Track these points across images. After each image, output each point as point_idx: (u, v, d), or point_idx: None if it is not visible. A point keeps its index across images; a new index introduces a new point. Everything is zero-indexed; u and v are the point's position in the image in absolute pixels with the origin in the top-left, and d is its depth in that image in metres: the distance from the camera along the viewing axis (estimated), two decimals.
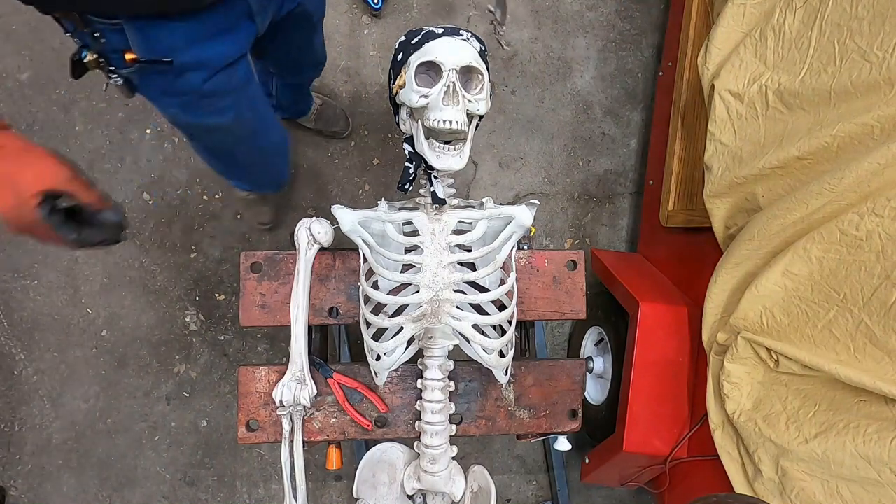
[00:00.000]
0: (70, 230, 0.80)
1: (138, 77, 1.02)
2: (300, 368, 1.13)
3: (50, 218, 0.77)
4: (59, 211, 0.78)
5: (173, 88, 1.07)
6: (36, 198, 0.76)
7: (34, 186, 0.76)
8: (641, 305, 1.61)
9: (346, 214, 1.07)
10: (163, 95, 1.09)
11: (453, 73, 0.97)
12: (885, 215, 1.10)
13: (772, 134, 1.41)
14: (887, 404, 1.09)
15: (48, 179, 0.77)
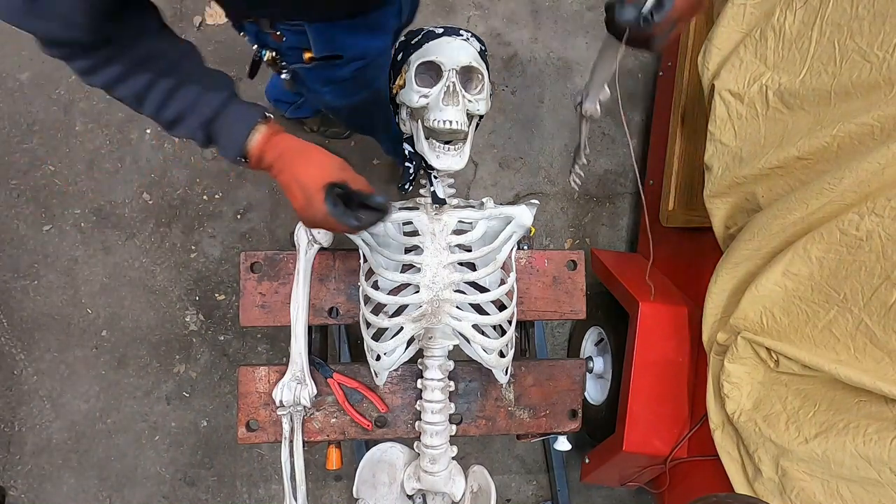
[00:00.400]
0: (350, 217, 0.84)
1: (305, 71, 1.07)
2: (300, 368, 1.13)
3: (335, 209, 0.82)
4: (339, 201, 0.84)
5: (334, 77, 1.13)
6: (321, 192, 0.82)
7: (318, 182, 0.82)
8: (641, 305, 1.61)
9: None
10: (323, 84, 1.15)
11: (453, 73, 0.97)
12: (885, 215, 1.10)
13: (772, 134, 1.41)
14: (887, 404, 1.09)
15: (326, 173, 0.83)
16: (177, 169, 2.02)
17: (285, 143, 0.84)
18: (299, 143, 0.85)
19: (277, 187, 2.05)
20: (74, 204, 1.97)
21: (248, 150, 0.84)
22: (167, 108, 0.83)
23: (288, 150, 0.83)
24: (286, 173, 0.83)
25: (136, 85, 0.81)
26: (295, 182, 0.82)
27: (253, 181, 2.05)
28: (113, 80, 0.81)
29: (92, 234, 1.97)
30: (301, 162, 0.83)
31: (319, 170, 0.83)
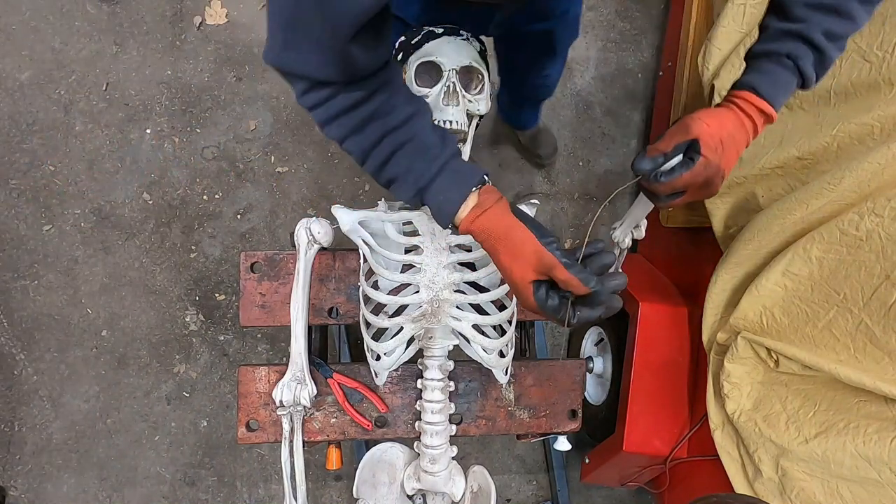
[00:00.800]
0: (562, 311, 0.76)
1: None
2: (300, 368, 1.12)
3: (547, 304, 0.76)
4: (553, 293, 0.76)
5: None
6: (528, 288, 0.75)
7: (523, 279, 0.76)
8: (641, 305, 1.61)
9: (346, 214, 1.07)
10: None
11: (453, 73, 0.97)
12: (885, 215, 1.10)
13: (771, 134, 1.41)
14: (887, 404, 1.09)
15: (530, 270, 0.75)
16: (177, 169, 2.02)
17: (490, 224, 0.77)
18: (503, 226, 0.77)
19: (277, 187, 2.06)
20: (74, 204, 1.97)
21: (457, 224, 0.80)
22: (385, 170, 0.81)
23: (492, 234, 0.77)
24: (493, 256, 0.79)
25: (366, 141, 0.79)
26: (503, 269, 0.78)
27: (253, 181, 2.05)
28: (349, 131, 0.78)
29: (92, 234, 1.97)
30: (505, 251, 0.77)
31: (522, 265, 0.75)
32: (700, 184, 0.79)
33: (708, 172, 0.78)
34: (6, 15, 1.96)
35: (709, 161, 0.77)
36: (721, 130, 0.78)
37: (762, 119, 0.80)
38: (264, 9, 2.08)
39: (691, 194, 0.82)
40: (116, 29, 2.00)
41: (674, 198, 0.83)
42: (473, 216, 0.78)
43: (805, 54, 0.77)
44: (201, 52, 2.04)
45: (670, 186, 0.79)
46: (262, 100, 2.06)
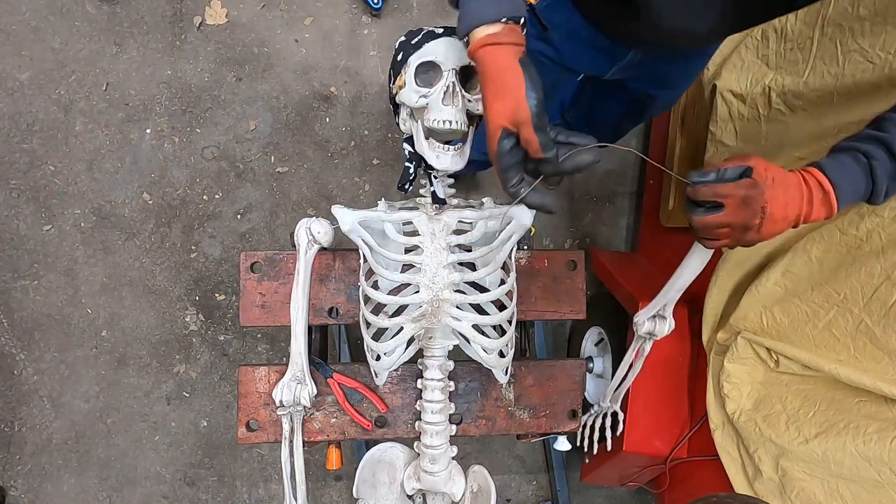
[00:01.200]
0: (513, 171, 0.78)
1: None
2: (300, 368, 1.12)
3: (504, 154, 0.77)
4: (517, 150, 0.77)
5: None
6: (497, 131, 0.77)
7: (495, 120, 0.77)
8: (641, 305, 1.61)
9: (346, 214, 1.07)
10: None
11: (453, 73, 0.96)
12: (885, 216, 1.10)
13: (773, 135, 1.41)
14: (887, 404, 1.09)
15: (506, 115, 0.76)
16: (177, 169, 2.02)
17: (493, 58, 0.77)
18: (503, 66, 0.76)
19: (277, 187, 2.06)
20: (74, 204, 1.97)
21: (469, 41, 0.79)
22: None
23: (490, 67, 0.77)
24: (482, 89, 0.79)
25: None
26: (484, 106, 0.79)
27: (253, 181, 2.05)
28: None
29: (92, 234, 1.97)
30: (492, 89, 0.77)
31: (500, 108, 0.76)
32: (740, 202, 0.80)
33: (751, 194, 0.79)
34: (6, 15, 1.96)
35: (755, 183, 0.79)
36: (776, 171, 0.80)
37: (821, 195, 0.80)
38: (264, 8, 2.08)
39: (730, 232, 0.82)
40: (116, 29, 2.00)
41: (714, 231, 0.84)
42: (484, 42, 0.77)
43: (881, 157, 0.79)
44: (201, 52, 2.04)
45: (712, 191, 0.81)
46: (262, 100, 2.06)
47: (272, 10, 2.09)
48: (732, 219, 0.82)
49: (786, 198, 0.80)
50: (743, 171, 0.80)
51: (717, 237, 0.85)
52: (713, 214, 0.82)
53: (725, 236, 0.84)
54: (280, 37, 2.08)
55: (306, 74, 2.09)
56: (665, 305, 1.10)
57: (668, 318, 1.11)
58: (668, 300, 1.09)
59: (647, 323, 1.13)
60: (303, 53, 2.09)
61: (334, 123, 2.10)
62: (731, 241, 0.85)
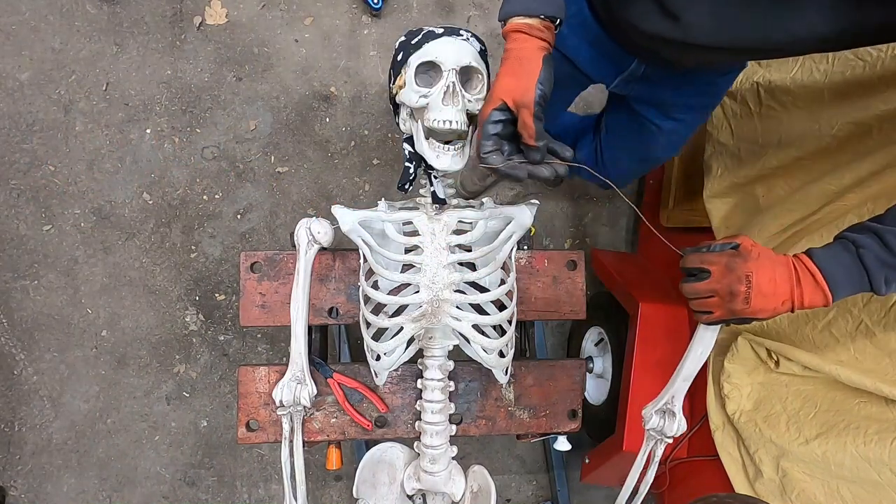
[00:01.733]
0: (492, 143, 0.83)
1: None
2: (300, 368, 1.12)
3: (490, 124, 0.82)
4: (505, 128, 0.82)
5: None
6: (490, 104, 0.82)
7: (498, 94, 0.82)
8: (641, 305, 1.61)
9: (346, 214, 1.07)
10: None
11: (453, 73, 0.96)
12: None
13: (769, 132, 1.41)
14: (888, 405, 1.09)
15: (507, 94, 0.81)
16: (177, 169, 2.02)
17: (521, 46, 0.83)
18: (526, 54, 0.82)
19: (277, 187, 2.06)
20: (74, 204, 1.97)
21: (505, 22, 0.85)
22: None
23: (514, 52, 0.83)
24: (501, 66, 0.84)
25: None
26: (497, 78, 0.84)
27: (253, 181, 2.05)
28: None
29: (92, 234, 1.97)
30: (509, 69, 0.82)
31: (508, 84, 0.82)
32: (724, 268, 0.85)
33: (734, 261, 0.85)
34: (6, 15, 1.96)
35: (739, 252, 0.85)
36: (763, 249, 0.86)
37: (810, 279, 0.83)
38: (264, 8, 2.08)
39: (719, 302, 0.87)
40: (116, 29, 2.00)
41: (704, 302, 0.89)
42: (517, 28, 0.83)
43: (870, 246, 0.81)
44: (201, 52, 2.04)
45: (700, 259, 0.89)
46: (262, 100, 2.06)
47: (272, 10, 2.09)
48: (717, 284, 0.86)
49: (773, 272, 0.84)
50: (731, 246, 0.87)
51: (709, 308, 0.89)
52: (701, 282, 0.88)
53: (716, 307, 0.88)
54: (280, 37, 2.08)
55: (306, 74, 2.09)
56: (673, 397, 1.03)
57: (677, 415, 1.03)
58: (676, 391, 1.03)
59: (654, 417, 1.05)
60: (303, 53, 2.09)
61: (334, 123, 2.10)
62: (723, 312, 0.88)
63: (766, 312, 0.86)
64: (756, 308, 0.85)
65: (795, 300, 0.84)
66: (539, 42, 0.83)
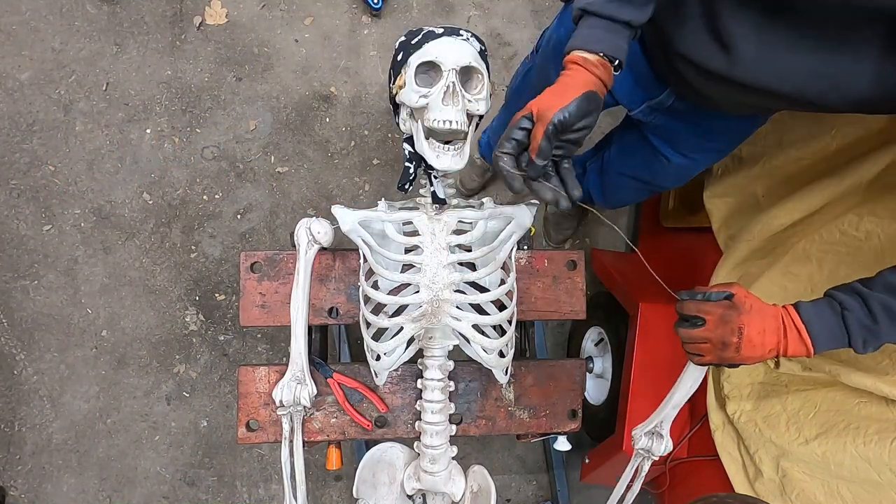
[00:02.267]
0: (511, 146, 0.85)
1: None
2: (300, 368, 1.12)
3: (516, 130, 0.85)
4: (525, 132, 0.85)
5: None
6: (528, 109, 0.85)
7: (534, 103, 0.85)
8: (641, 305, 1.61)
9: (346, 214, 1.07)
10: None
11: (453, 73, 0.97)
12: (885, 216, 1.10)
13: (770, 133, 1.41)
14: (888, 405, 1.09)
15: (539, 106, 0.84)
16: (177, 169, 2.02)
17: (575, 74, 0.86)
18: (574, 82, 0.85)
19: (277, 187, 2.06)
20: (74, 204, 1.97)
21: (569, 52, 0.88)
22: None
23: (568, 76, 0.86)
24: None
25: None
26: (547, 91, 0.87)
27: (253, 181, 2.05)
28: None
29: (92, 234, 1.97)
30: (553, 87, 0.86)
31: (546, 99, 0.84)
32: (718, 319, 0.90)
33: (729, 313, 0.90)
34: (6, 15, 1.96)
35: (734, 305, 0.90)
36: (755, 301, 0.91)
37: (795, 332, 0.87)
38: (264, 8, 2.08)
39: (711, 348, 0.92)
40: (116, 29, 2.00)
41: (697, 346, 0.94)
42: (575, 59, 0.86)
43: (855, 309, 0.85)
44: (201, 52, 2.04)
45: (696, 307, 0.93)
46: (262, 100, 2.07)
47: (272, 10, 2.09)
48: (711, 334, 0.91)
49: (763, 324, 0.89)
50: (726, 296, 0.92)
51: (701, 353, 0.94)
52: (696, 329, 0.93)
53: (708, 352, 0.93)
54: (280, 37, 2.08)
55: (306, 74, 2.09)
56: (661, 422, 1.13)
57: (664, 437, 1.13)
58: (665, 417, 1.13)
59: (643, 438, 1.14)
60: (303, 53, 2.09)
61: (334, 123, 2.10)
62: (713, 358, 0.93)
63: (752, 360, 0.92)
64: (745, 356, 0.90)
65: (780, 350, 0.89)
66: (589, 76, 0.85)
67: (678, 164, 1.32)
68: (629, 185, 1.51)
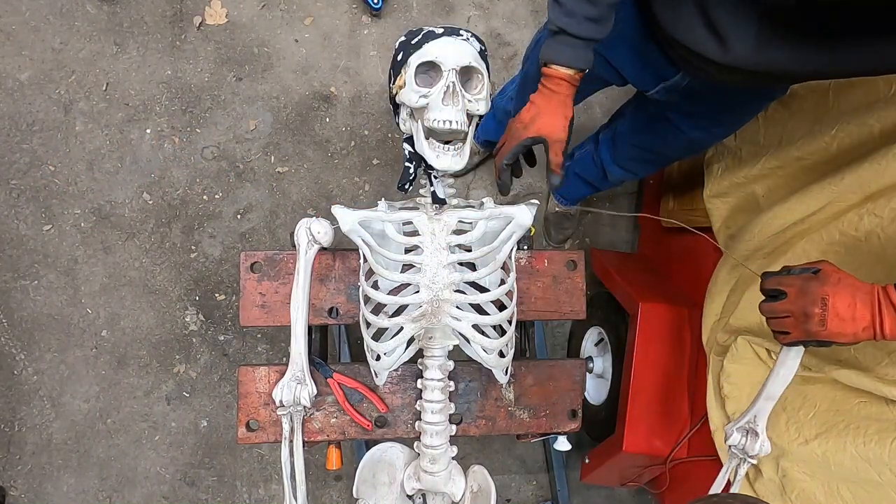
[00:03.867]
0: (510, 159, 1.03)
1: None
2: (300, 368, 1.12)
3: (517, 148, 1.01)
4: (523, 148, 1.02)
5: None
6: (532, 132, 0.99)
7: (541, 127, 0.99)
8: (641, 305, 1.61)
9: (347, 214, 1.07)
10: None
11: (453, 73, 0.97)
12: (885, 216, 1.10)
13: (771, 134, 1.41)
14: (888, 405, 1.09)
15: (546, 131, 0.99)
16: (177, 169, 2.02)
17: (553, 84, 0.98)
18: (557, 101, 0.98)
19: (277, 187, 2.06)
20: (74, 204, 1.97)
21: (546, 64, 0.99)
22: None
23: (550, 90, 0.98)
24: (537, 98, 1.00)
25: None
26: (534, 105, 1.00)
27: (253, 181, 2.05)
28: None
29: (92, 234, 1.97)
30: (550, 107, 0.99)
31: (550, 123, 0.98)
32: (798, 290, 0.89)
33: (810, 284, 0.88)
34: (6, 15, 1.96)
35: (817, 276, 0.88)
36: (847, 276, 0.88)
37: (891, 310, 0.83)
38: (264, 8, 2.08)
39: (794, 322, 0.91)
40: (116, 29, 2.00)
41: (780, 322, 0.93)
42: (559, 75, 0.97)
43: None
44: (201, 52, 2.04)
45: (777, 281, 0.93)
46: (262, 100, 2.07)
47: (272, 10, 2.09)
48: (792, 305, 0.90)
49: (853, 297, 0.85)
50: (812, 271, 0.90)
51: (786, 328, 0.92)
52: (776, 302, 0.92)
53: (792, 327, 0.91)
54: (280, 37, 2.08)
55: (306, 74, 2.09)
56: (756, 417, 1.05)
57: (760, 435, 1.05)
58: (758, 410, 1.05)
59: (736, 434, 1.08)
60: (303, 53, 2.09)
61: (334, 123, 2.10)
62: (799, 333, 0.91)
63: (845, 337, 0.87)
64: (833, 331, 0.86)
65: (876, 327, 0.84)
66: (573, 89, 0.99)
67: (696, 137, 1.33)
68: (642, 157, 1.52)
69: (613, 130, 1.60)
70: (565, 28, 0.94)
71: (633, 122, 1.52)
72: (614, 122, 1.63)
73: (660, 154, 1.47)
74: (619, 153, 1.60)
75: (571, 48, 0.95)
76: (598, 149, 1.67)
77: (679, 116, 1.31)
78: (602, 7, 0.93)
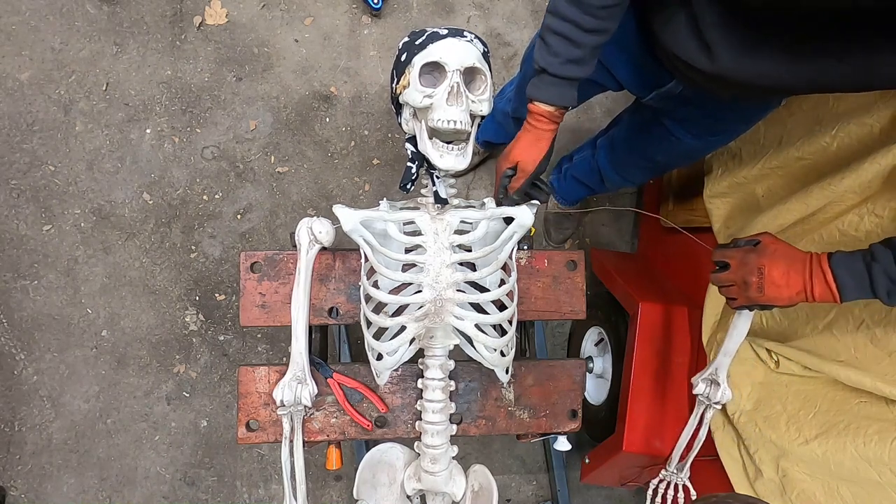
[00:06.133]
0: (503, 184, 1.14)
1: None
2: (301, 368, 1.12)
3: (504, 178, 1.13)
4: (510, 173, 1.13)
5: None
6: (509, 162, 1.11)
7: (520, 154, 1.09)
8: (641, 305, 1.61)
9: (349, 214, 1.07)
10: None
11: (457, 73, 0.97)
12: (885, 216, 1.10)
13: (771, 134, 1.41)
14: (888, 405, 1.09)
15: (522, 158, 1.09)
16: (177, 169, 2.02)
17: (540, 125, 1.05)
18: (534, 136, 1.06)
19: (277, 187, 2.06)
20: (74, 204, 1.97)
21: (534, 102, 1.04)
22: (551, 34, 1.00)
23: (535, 126, 1.05)
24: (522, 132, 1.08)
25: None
26: (519, 140, 1.09)
27: (253, 181, 2.05)
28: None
29: (92, 234, 1.97)
30: (531, 139, 1.07)
31: (527, 153, 1.08)
32: (739, 262, 1.01)
33: (748, 256, 0.99)
34: (6, 15, 1.95)
35: (755, 248, 0.99)
36: (783, 246, 0.98)
37: (821, 277, 0.92)
38: (264, 8, 2.08)
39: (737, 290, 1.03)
40: (116, 29, 2.00)
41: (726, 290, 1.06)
42: (542, 112, 1.03)
43: (883, 260, 0.87)
44: (201, 52, 2.04)
45: (721, 254, 1.06)
46: (262, 100, 2.07)
47: (272, 10, 2.09)
48: (734, 275, 1.02)
49: (787, 266, 0.95)
50: (753, 243, 1.01)
51: (731, 295, 1.05)
52: (721, 273, 1.05)
53: (736, 293, 1.03)
54: (280, 37, 2.08)
55: (306, 74, 2.09)
56: (717, 369, 1.19)
57: (721, 384, 1.19)
58: (719, 364, 1.19)
59: (701, 384, 1.22)
60: (303, 53, 2.09)
61: (334, 123, 2.10)
62: (742, 299, 1.03)
63: (781, 300, 0.97)
64: (770, 296, 0.97)
65: (807, 292, 0.93)
66: (554, 126, 1.05)
67: (691, 145, 1.34)
68: (638, 164, 1.53)
69: (611, 137, 1.61)
70: (547, 68, 0.98)
71: (629, 129, 1.52)
72: (612, 128, 1.63)
73: (656, 161, 1.47)
74: (616, 159, 1.60)
75: (554, 87, 1.00)
76: (596, 154, 1.68)
77: (674, 123, 1.31)
78: (586, 49, 0.96)
